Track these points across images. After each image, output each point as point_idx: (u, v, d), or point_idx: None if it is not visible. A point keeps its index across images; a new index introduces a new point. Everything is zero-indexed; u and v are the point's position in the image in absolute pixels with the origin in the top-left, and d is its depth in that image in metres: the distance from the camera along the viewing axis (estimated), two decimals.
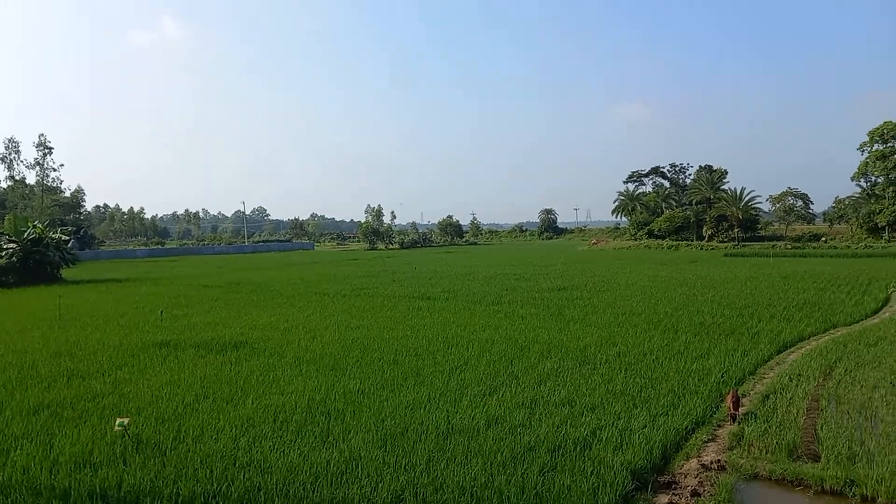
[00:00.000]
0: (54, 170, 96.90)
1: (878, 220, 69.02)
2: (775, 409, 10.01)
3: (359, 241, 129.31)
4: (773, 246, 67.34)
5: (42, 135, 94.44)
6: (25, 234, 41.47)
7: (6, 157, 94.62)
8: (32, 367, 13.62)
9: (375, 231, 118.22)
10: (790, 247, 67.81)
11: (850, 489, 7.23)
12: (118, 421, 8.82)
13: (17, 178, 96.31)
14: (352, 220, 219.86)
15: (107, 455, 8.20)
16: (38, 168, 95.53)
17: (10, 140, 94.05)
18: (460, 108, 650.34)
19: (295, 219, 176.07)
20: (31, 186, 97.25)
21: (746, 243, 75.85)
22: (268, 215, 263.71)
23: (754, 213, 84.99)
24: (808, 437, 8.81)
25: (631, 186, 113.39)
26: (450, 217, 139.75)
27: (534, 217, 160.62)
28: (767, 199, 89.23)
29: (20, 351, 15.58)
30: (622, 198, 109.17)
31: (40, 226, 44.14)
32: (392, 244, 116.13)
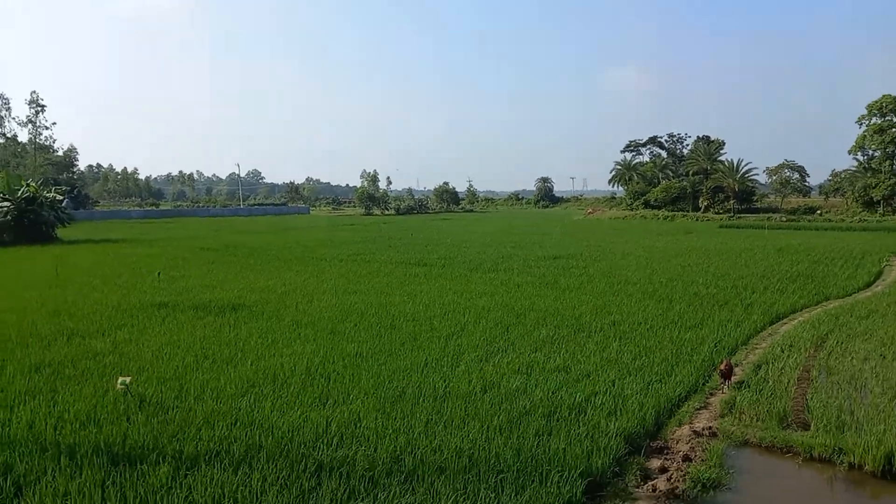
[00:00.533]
0: (46, 128, 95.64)
1: (873, 195, 69.04)
2: (767, 378, 10.20)
3: (354, 207, 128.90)
4: (768, 218, 67.41)
5: (34, 92, 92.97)
6: (19, 193, 41.20)
7: None
8: (32, 326, 13.70)
9: (371, 196, 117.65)
10: (785, 219, 67.95)
11: (839, 457, 7.44)
12: (120, 380, 8.94)
13: (9, 135, 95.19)
14: (347, 184, 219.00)
15: (110, 412, 8.33)
16: (30, 126, 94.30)
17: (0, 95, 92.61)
18: (453, 75, 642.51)
19: (290, 182, 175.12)
20: (24, 144, 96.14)
21: (742, 215, 75.94)
22: (262, 178, 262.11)
23: (751, 184, 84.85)
24: (799, 406, 9.00)
25: (628, 156, 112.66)
26: (446, 184, 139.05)
27: (530, 185, 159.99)
28: (764, 171, 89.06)
29: (19, 310, 15.64)
30: (619, 167, 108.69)
31: (34, 184, 43.81)
32: (388, 210, 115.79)
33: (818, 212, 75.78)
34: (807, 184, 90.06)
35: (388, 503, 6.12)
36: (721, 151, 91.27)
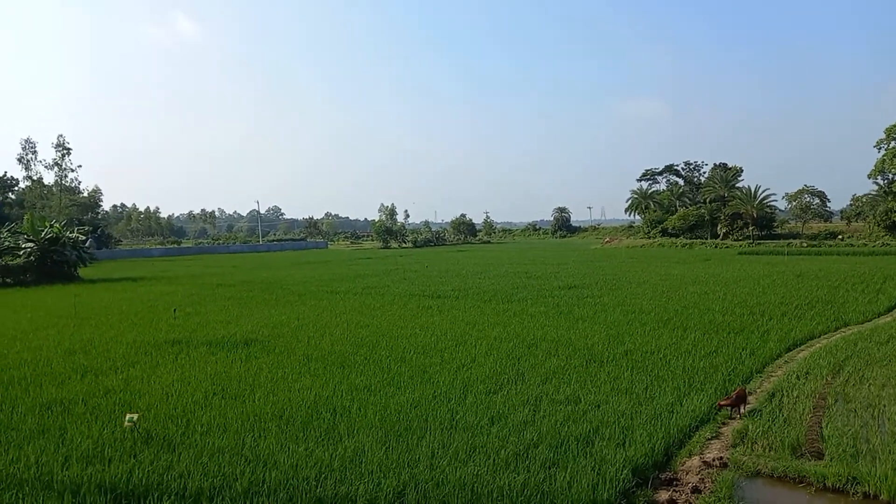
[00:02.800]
0: (72, 170, 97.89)
1: (895, 218, 68.12)
2: (781, 406, 9.99)
3: (372, 240, 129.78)
4: (788, 244, 66.68)
5: (61, 135, 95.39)
6: (43, 234, 42.10)
7: (23, 157, 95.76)
8: (47, 364, 13.88)
9: (389, 230, 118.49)
10: (806, 245, 67.16)
11: (853, 486, 7.23)
12: (128, 416, 9.00)
13: (35, 178, 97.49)
14: (365, 218, 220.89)
15: (117, 449, 8.37)
16: (56, 168, 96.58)
17: (26, 141, 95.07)
18: (472, 108, 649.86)
19: (309, 218, 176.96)
20: (50, 186, 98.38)
21: (761, 241, 75.20)
22: (282, 214, 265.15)
23: (769, 211, 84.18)
24: (813, 434, 8.79)
25: (644, 185, 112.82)
26: (463, 216, 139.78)
27: (547, 215, 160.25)
28: (783, 197, 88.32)
29: (35, 348, 15.87)
30: (635, 196, 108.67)
31: (57, 225, 44.76)
32: (405, 243, 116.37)
33: (840, 237, 74.80)
34: (828, 209, 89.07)
35: None
36: (738, 178, 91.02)
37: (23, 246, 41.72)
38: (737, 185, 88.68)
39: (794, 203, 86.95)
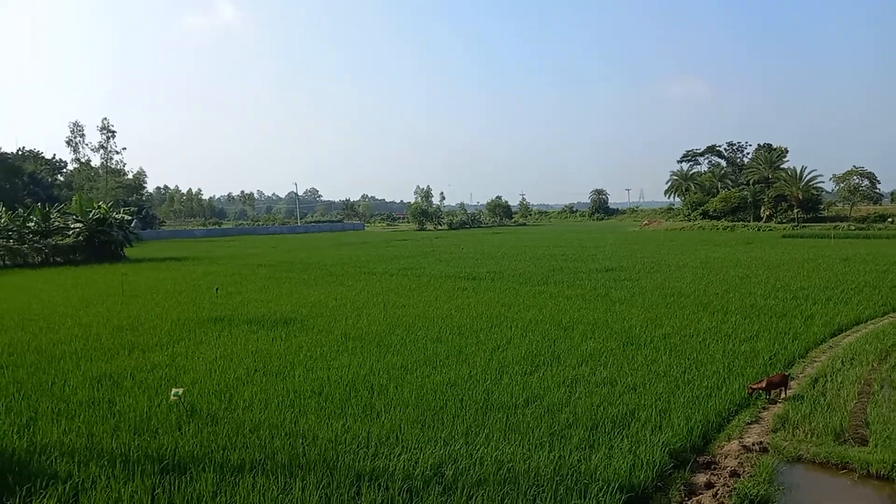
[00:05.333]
0: (117, 152, 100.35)
1: None
2: (824, 392, 9.78)
3: (408, 222, 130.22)
4: (834, 227, 64.66)
5: (105, 119, 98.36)
6: (91, 215, 43.42)
7: (72, 140, 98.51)
8: (97, 340, 14.39)
9: (424, 212, 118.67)
10: (854, 228, 65.04)
11: None
12: (173, 391, 9.29)
13: (83, 160, 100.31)
14: (401, 201, 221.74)
15: (163, 422, 8.67)
16: (102, 151, 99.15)
17: (74, 124, 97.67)
18: (513, 87, 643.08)
19: (346, 200, 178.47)
20: (96, 169, 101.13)
21: (806, 224, 73.09)
22: (320, 196, 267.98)
23: (815, 193, 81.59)
24: (857, 421, 8.60)
25: (685, 166, 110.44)
26: (499, 198, 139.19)
27: (584, 198, 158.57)
28: (831, 179, 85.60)
29: (86, 324, 16.45)
30: (675, 178, 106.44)
31: (104, 206, 46.10)
32: (441, 225, 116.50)
33: (890, 219, 72.13)
34: (878, 191, 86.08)
35: None
36: (784, 159, 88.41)
37: (72, 226, 43.11)
38: (781, 166, 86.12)
39: (842, 185, 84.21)
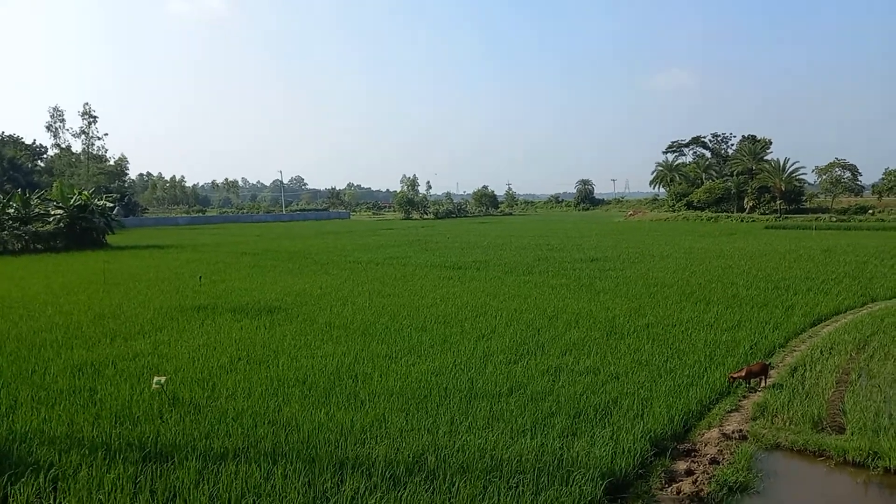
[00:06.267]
0: (99, 138, 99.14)
1: None
2: (803, 381, 9.92)
3: (394, 211, 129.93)
4: (816, 218, 65.34)
5: (87, 104, 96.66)
6: (72, 201, 42.86)
7: (52, 125, 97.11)
8: (78, 328, 14.24)
9: (410, 201, 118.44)
10: (835, 219, 65.78)
11: (873, 461, 7.20)
12: (155, 379, 9.22)
13: (63, 146, 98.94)
14: (387, 189, 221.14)
15: (145, 411, 8.61)
16: (83, 136, 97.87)
17: (54, 109, 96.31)
18: (498, 79, 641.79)
19: (332, 188, 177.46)
20: (77, 155, 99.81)
21: (789, 216, 73.82)
22: (305, 184, 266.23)
23: (798, 184, 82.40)
24: (835, 409, 8.74)
25: (670, 157, 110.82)
26: (485, 187, 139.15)
27: (570, 188, 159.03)
28: (813, 171, 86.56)
29: (67, 312, 16.27)
30: (660, 168, 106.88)
31: (86, 193, 45.58)
32: (427, 214, 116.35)
33: (871, 211, 73.06)
34: (859, 183, 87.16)
35: (409, 501, 6.18)
36: (767, 151, 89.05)
37: (52, 213, 42.54)
38: (765, 157, 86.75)
39: (825, 177, 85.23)
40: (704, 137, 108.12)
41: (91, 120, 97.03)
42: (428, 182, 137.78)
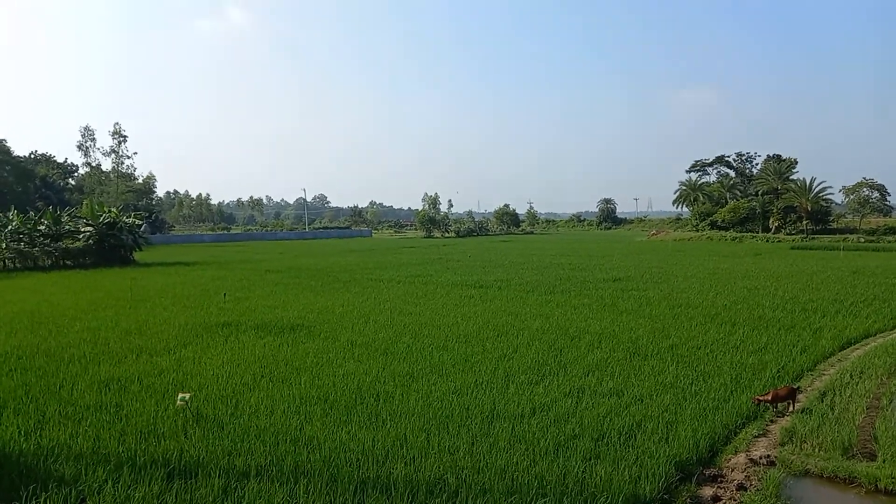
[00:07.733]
0: (128, 157, 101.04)
1: None
2: (832, 406, 9.72)
3: (416, 229, 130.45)
4: (844, 239, 64.24)
5: (117, 123, 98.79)
6: (101, 219, 43.72)
7: (83, 144, 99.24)
8: (105, 344, 14.47)
9: (432, 219, 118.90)
10: (864, 240, 64.65)
11: None
12: (180, 396, 9.32)
13: (94, 164, 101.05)
14: (409, 208, 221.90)
15: (170, 427, 8.70)
16: (113, 155, 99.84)
17: (85, 128, 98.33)
18: (515, 95, 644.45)
19: (354, 206, 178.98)
20: (107, 173, 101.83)
21: (816, 236, 72.69)
22: (328, 202, 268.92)
23: (825, 204, 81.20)
24: (865, 435, 8.54)
25: (694, 176, 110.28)
26: (506, 206, 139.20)
27: (592, 207, 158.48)
28: (840, 191, 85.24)
29: (94, 328, 16.54)
30: (684, 188, 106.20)
31: (115, 210, 46.45)
32: (448, 232, 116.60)
33: None
34: (888, 203, 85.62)
35: None
36: (793, 170, 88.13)
37: (82, 230, 43.43)
38: (791, 177, 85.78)
39: (852, 197, 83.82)
40: (728, 156, 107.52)
41: (121, 139, 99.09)
42: (449, 200, 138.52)
